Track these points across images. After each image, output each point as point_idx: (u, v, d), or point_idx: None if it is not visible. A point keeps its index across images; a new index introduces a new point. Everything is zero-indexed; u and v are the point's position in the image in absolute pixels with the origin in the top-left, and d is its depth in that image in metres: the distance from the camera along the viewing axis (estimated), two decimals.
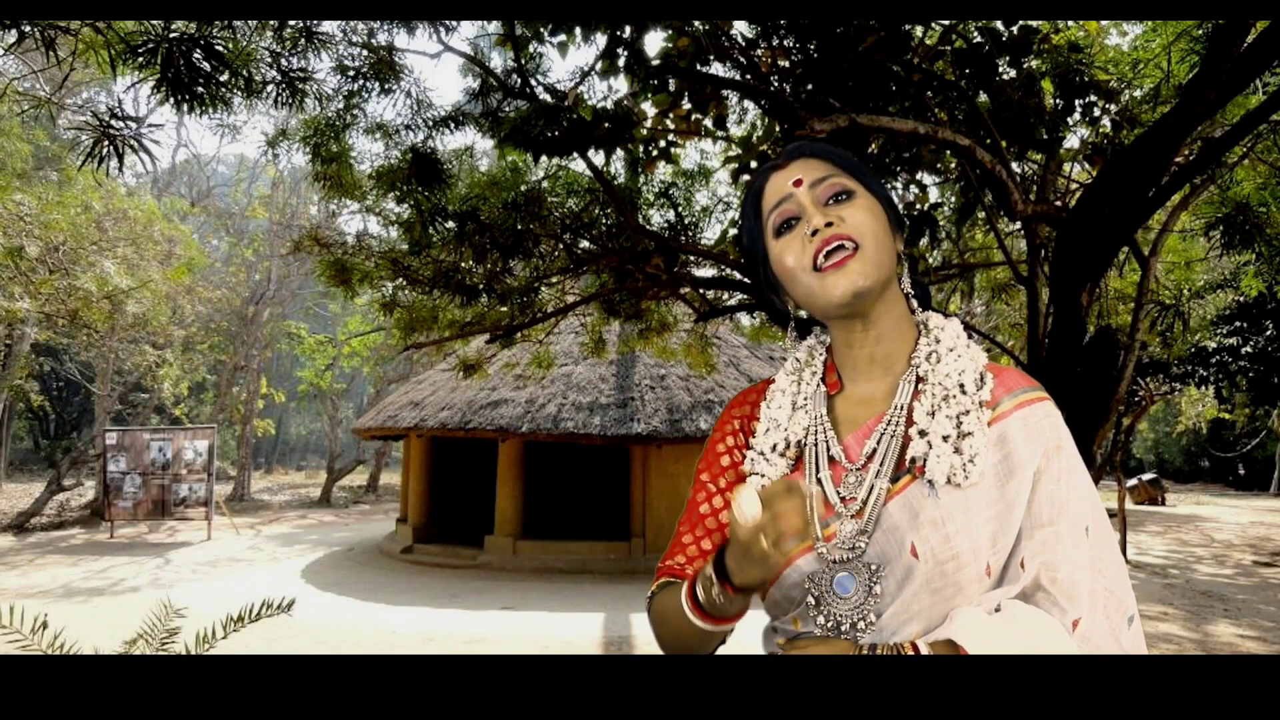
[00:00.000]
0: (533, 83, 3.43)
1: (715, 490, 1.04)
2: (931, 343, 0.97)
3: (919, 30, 3.20)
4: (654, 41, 28.81)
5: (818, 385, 1.02)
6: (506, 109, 3.48)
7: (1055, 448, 0.90)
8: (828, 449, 0.96)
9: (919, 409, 0.92)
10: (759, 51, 3.19)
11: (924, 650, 0.83)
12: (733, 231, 4.29)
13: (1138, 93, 3.66)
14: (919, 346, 0.97)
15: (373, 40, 3.46)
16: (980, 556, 0.85)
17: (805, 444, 0.98)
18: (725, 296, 5.21)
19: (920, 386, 0.95)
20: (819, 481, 0.94)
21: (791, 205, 0.97)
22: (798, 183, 0.97)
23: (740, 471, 1.04)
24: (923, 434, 0.90)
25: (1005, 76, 2.97)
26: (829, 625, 0.89)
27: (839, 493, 0.92)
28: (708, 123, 3.54)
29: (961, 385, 0.92)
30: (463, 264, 4.34)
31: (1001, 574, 0.87)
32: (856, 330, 0.98)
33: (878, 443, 0.93)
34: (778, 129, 3.44)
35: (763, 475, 0.99)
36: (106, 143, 2.36)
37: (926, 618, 0.86)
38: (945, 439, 0.88)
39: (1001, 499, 0.87)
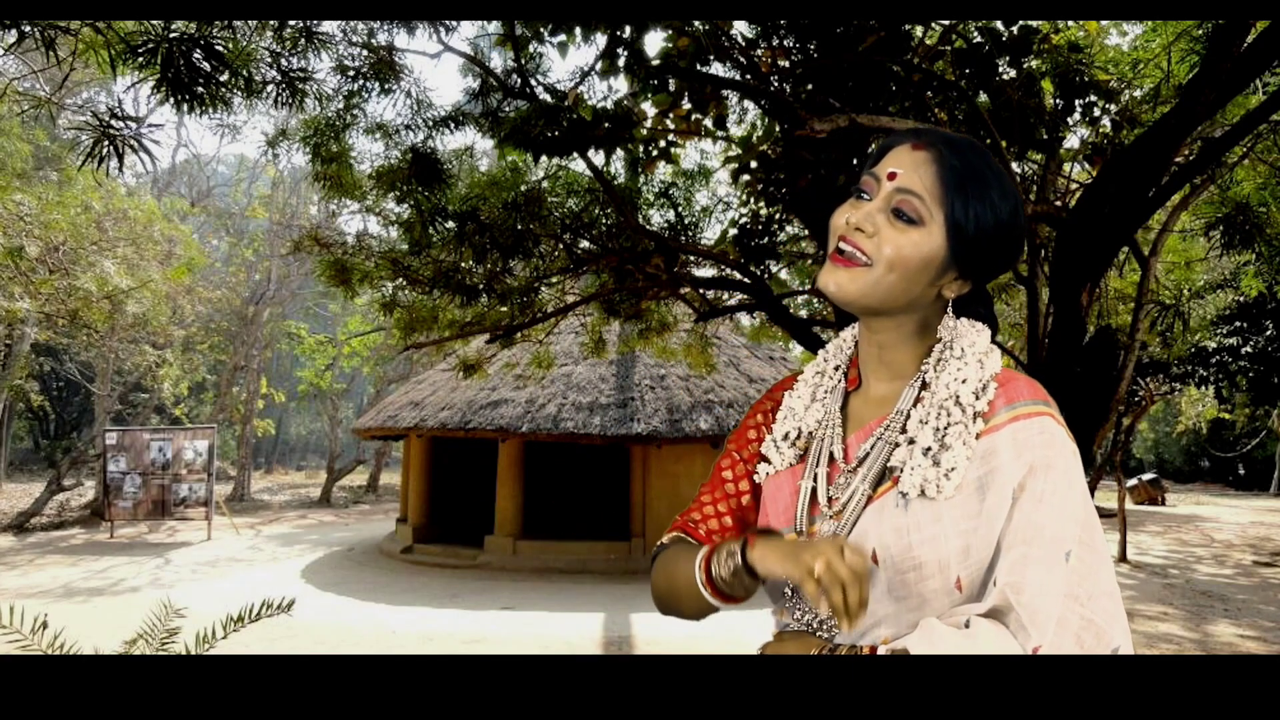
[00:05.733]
0: (533, 83, 3.43)
1: (739, 460, 1.07)
2: (943, 348, 0.95)
3: (919, 30, 3.20)
4: (654, 41, 28.81)
5: (839, 380, 1.03)
6: (506, 109, 3.49)
7: (1043, 466, 0.84)
8: (831, 446, 0.97)
9: (914, 416, 0.92)
10: (759, 51, 3.19)
11: (882, 653, 0.82)
12: (733, 231, 4.29)
13: (1138, 93, 3.66)
14: (932, 352, 0.96)
15: (373, 40, 3.46)
16: (949, 570, 0.84)
17: (815, 437, 0.99)
18: (725, 296, 5.22)
19: (923, 393, 0.94)
20: (814, 478, 0.96)
21: (873, 183, 0.92)
22: (892, 175, 0.91)
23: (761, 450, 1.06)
24: (912, 442, 0.90)
25: (1005, 76, 2.98)
26: (803, 621, 0.93)
27: (829, 492, 0.94)
28: (708, 123, 3.54)
29: (957, 395, 0.89)
30: (463, 264, 4.34)
31: (981, 589, 0.84)
32: (866, 329, 0.98)
33: (871, 447, 0.93)
34: (778, 129, 3.44)
35: (769, 461, 1.01)
36: (106, 143, 2.36)
37: (894, 624, 0.86)
38: (926, 451, 0.87)
39: (979, 513, 0.84)
